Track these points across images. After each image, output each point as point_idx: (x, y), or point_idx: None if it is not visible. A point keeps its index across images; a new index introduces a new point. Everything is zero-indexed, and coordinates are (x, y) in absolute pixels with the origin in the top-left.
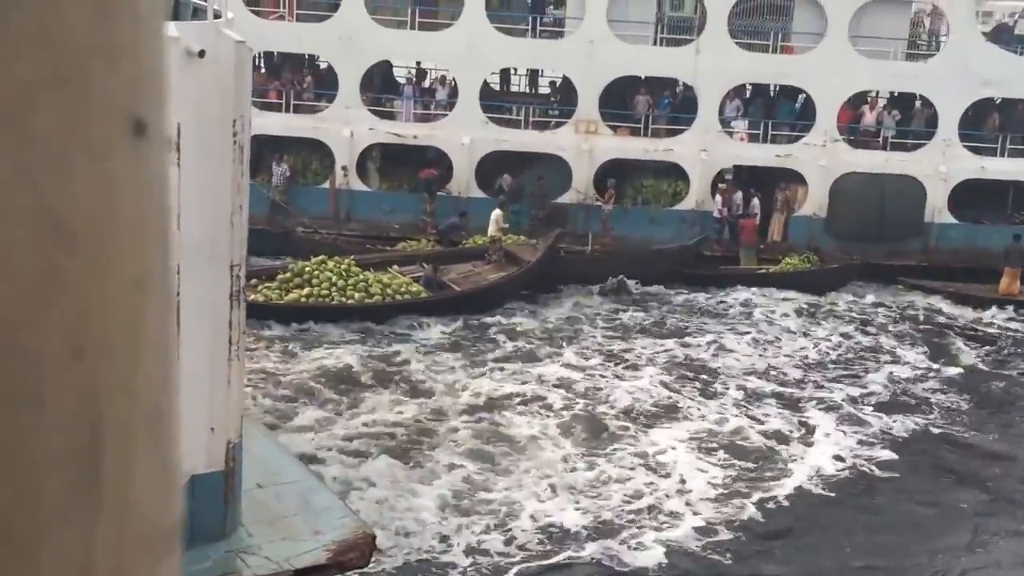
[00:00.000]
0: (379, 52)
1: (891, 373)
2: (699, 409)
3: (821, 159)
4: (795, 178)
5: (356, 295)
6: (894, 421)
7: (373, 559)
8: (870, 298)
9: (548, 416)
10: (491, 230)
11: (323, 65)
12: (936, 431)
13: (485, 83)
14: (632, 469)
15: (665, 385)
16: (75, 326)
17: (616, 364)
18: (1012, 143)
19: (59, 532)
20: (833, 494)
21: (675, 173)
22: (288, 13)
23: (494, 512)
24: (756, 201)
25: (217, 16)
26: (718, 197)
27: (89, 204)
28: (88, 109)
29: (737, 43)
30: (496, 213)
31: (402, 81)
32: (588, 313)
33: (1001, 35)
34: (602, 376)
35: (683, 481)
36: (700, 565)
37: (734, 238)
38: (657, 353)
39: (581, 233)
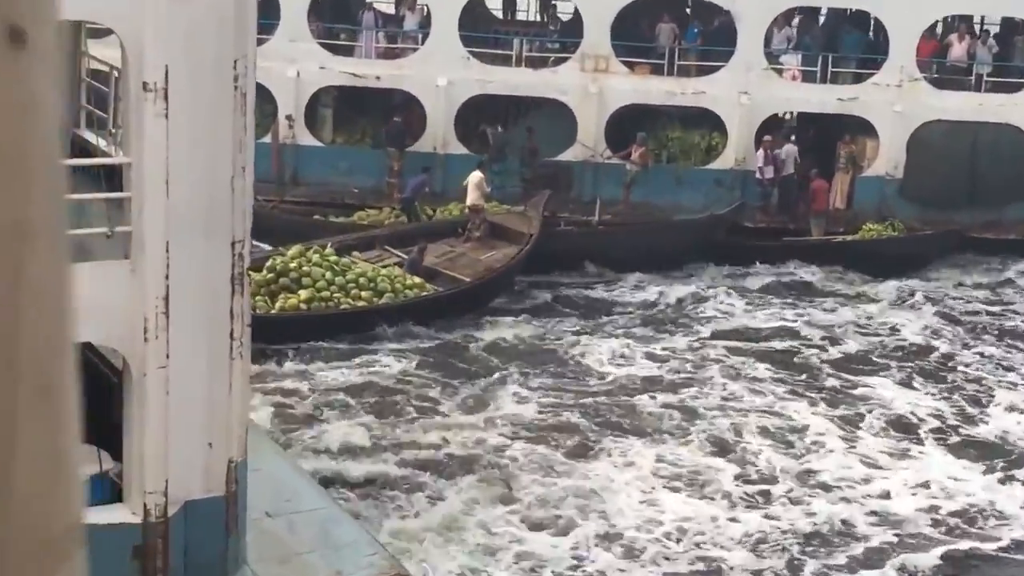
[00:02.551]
0: None
1: None
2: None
3: (896, 104)
4: (862, 128)
5: (363, 294)
6: None
7: None
8: None
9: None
10: (470, 197)
11: None
12: None
13: (485, 8)
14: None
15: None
16: None
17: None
18: None
19: None
20: None
21: (709, 123)
22: None
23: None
24: (791, 148)
25: None
26: (761, 152)
27: None
28: None
29: None
30: (476, 176)
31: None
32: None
33: None
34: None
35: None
36: None
37: (784, 204)
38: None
39: (588, 200)
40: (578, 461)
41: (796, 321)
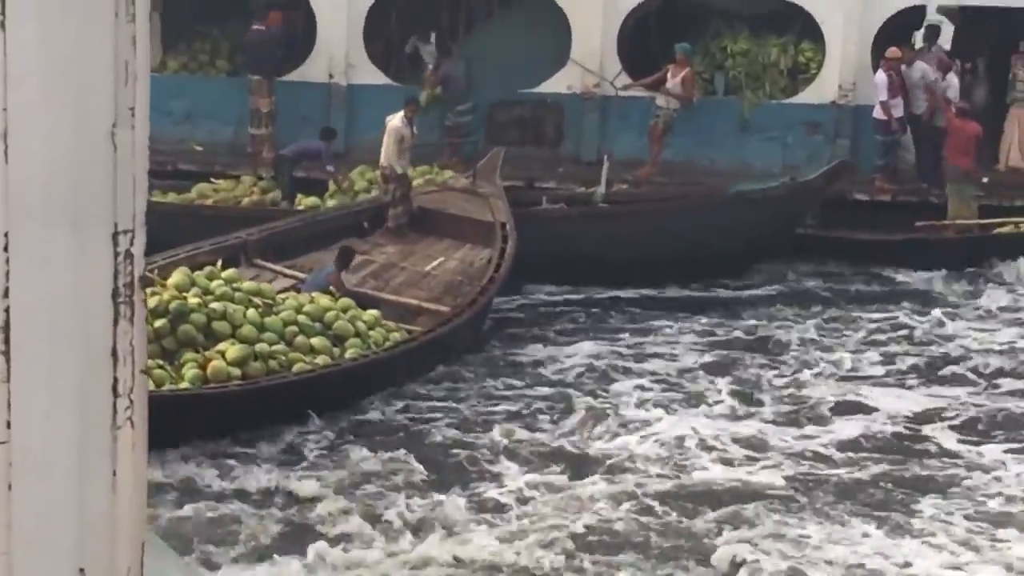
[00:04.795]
0: None
1: None
2: None
3: None
4: None
5: (315, 343)
6: None
7: None
8: None
9: None
10: (386, 155)
11: None
12: None
13: None
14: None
15: None
16: None
17: None
18: None
19: None
20: None
21: (795, 26)
22: None
23: None
24: (953, 79)
25: None
26: (881, 76)
27: None
28: None
29: None
30: (395, 122)
31: None
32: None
33: None
34: None
35: None
36: None
37: (925, 163)
38: None
39: (592, 161)
40: None
41: None
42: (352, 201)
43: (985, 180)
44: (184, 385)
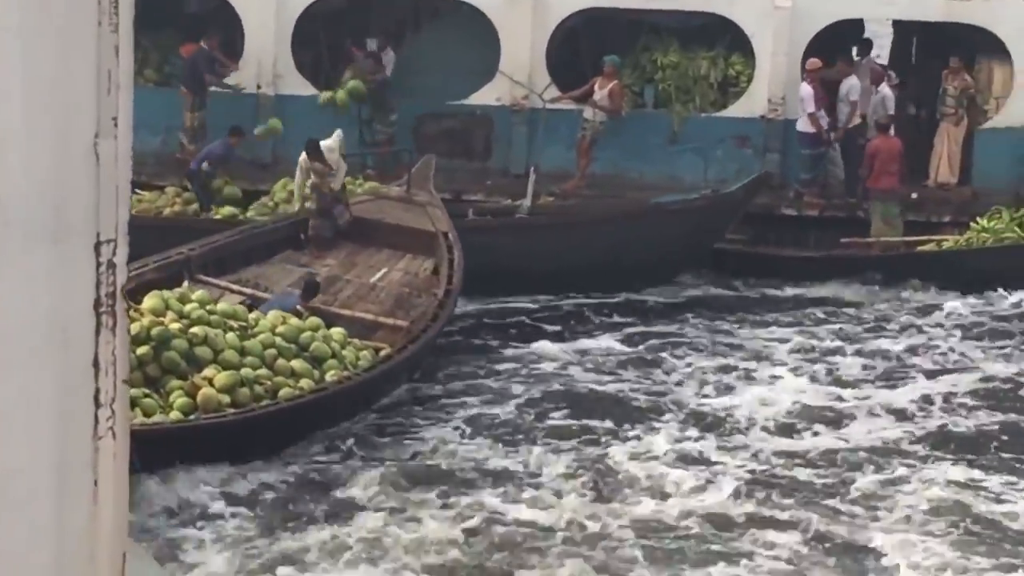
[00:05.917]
0: None
1: None
2: None
3: None
4: (989, 47)
5: (295, 367)
6: None
7: None
8: None
9: None
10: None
11: None
12: None
13: None
14: None
15: None
16: None
17: None
18: None
19: None
20: None
21: (723, 41)
22: None
23: None
24: (887, 90)
25: None
26: (806, 88)
27: None
28: None
29: None
30: (301, 160)
31: None
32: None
33: None
34: None
35: None
36: None
37: (850, 180)
38: None
39: (519, 173)
40: None
41: None
42: (273, 214)
43: (914, 196)
44: (175, 415)
